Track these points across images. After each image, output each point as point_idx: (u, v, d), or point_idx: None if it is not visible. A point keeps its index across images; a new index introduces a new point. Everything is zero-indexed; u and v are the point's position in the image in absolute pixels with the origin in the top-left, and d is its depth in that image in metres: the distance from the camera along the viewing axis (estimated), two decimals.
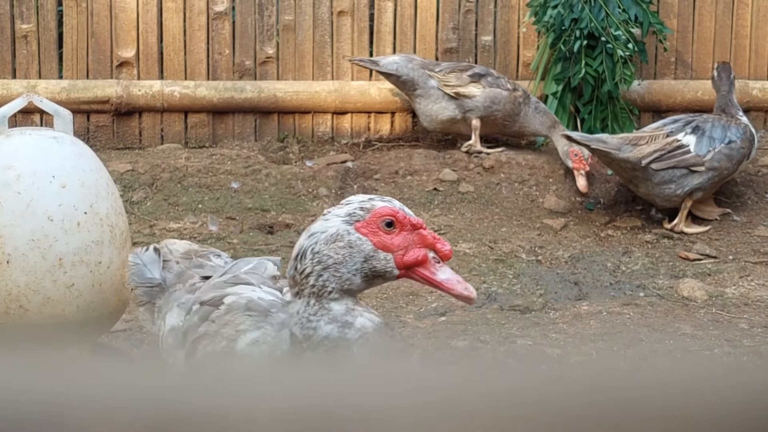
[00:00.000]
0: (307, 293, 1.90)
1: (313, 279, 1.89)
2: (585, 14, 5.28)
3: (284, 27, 5.54)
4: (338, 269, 1.88)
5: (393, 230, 1.88)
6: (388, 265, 1.89)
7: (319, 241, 1.90)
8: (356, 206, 1.91)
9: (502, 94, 5.21)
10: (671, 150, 4.73)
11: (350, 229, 1.89)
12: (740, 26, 5.75)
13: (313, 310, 1.90)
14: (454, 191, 5.07)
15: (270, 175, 5.12)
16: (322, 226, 1.91)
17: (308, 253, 1.90)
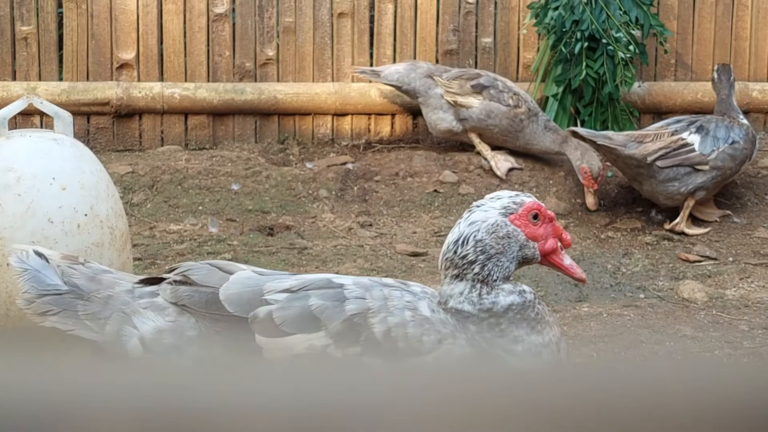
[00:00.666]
0: (470, 278, 2.10)
1: (478, 267, 2.10)
2: (586, 16, 5.28)
3: (284, 29, 5.54)
4: (500, 259, 2.10)
5: (537, 222, 2.14)
6: (535, 253, 2.15)
7: (481, 229, 2.10)
8: (509, 200, 2.14)
9: (500, 109, 5.18)
10: (676, 148, 4.75)
11: (506, 221, 2.11)
12: (740, 28, 5.75)
13: (484, 290, 2.10)
14: (455, 193, 5.07)
15: (270, 176, 5.12)
16: (482, 215, 2.12)
17: (470, 240, 2.10)
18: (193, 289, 2.19)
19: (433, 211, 4.98)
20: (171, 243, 4.49)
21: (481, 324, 2.10)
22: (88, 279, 2.27)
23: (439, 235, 4.70)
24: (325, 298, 2.10)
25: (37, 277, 2.26)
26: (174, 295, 2.22)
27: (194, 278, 2.21)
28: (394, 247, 4.50)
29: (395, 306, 2.09)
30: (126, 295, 2.26)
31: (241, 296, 2.15)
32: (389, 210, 4.97)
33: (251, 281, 2.18)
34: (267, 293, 2.13)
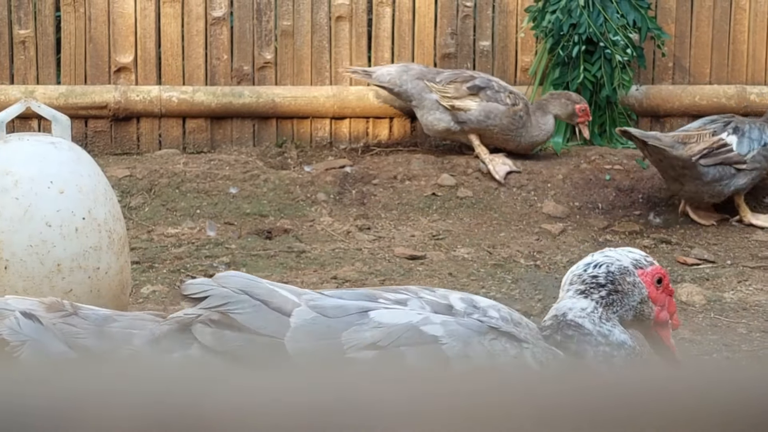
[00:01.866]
0: (595, 298, 2.10)
1: (605, 292, 2.10)
2: (584, 19, 5.29)
3: (282, 32, 5.54)
4: (624, 299, 2.12)
5: (659, 287, 2.17)
6: (651, 314, 2.16)
7: (614, 264, 2.13)
8: (641, 256, 2.17)
9: (499, 108, 5.18)
10: (717, 148, 4.87)
11: (635, 272, 2.14)
12: (738, 31, 5.76)
13: (603, 316, 2.10)
14: (453, 196, 5.07)
15: (268, 180, 5.12)
16: (616, 255, 2.17)
17: (603, 267, 2.13)
18: (245, 338, 1.90)
19: (431, 214, 4.97)
20: (169, 246, 4.48)
21: (597, 350, 2.06)
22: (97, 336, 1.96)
23: (437, 238, 4.70)
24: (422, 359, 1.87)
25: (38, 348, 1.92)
26: (219, 342, 1.92)
27: (239, 319, 1.92)
28: (393, 251, 4.50)
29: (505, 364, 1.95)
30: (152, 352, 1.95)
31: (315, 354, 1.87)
32: (387, 213, 4.97)
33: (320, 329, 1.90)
34: (349, 349, 1.87)
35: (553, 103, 5.19)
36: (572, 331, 2.06)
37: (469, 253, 4.54)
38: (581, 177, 5.16)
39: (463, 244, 4.65)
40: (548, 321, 2.11)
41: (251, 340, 1.89)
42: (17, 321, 1.93)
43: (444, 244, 4.65)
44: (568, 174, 5.18)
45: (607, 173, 5.17)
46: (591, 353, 2.06)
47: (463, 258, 4.47)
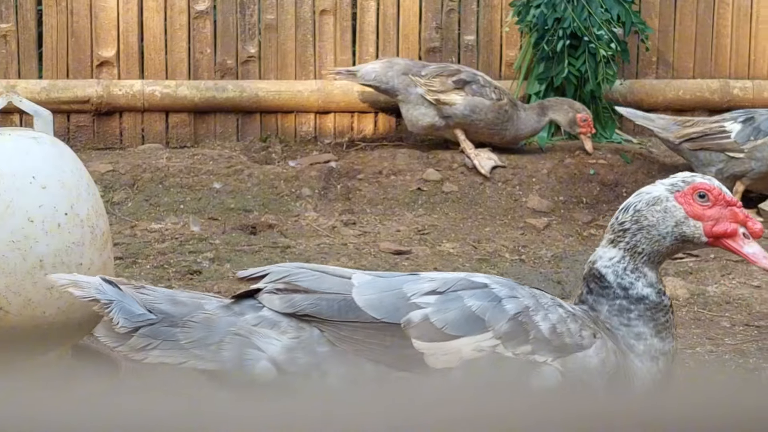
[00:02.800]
0: (622, 246, 2.14)
1: (629, 236, 2.13)
2: (568, 14, 5.29)
3: (266, 26, 5.52)
4: (650, 231, 2.12)
5: (706, 202, 2.13)
6: (696, 232, 2.13)
7: (643, 200, 2.14)
8: (680, 179, 2.17)
9: (484, 103, 5.18)
10: (711, 133, 4.89)
11: (669, 197, 2.14)
12: (721, 26, 5.77)
13: (630, 266, 2.13)
14: (438, 191, 5.06)
15: (252, 175, 5.10)
16: (650, 188, 2.17)
17: (631, 209, 2.14)
18: (315, 297, 2.01)
19: (416, 209, 4.97)
20: (152, 242, 4.46)
21: (612, 303, 2.12)
22: (171, 302, 2.05)
23: (422, 233, 4.70)
24: (481, 299, 2.02)
25: (125, 308, 2.01)
26: (290, 304, 2.01)
27: (304, 285, 2.03)
28: (378, 246, 4.49)
29: (548, 304, 2.08)
30: (227, 314, 2.04)
31: (382, 301, 2.01)
32: (373, 208, 4.96)
33: (384, 284, 2.04)
34: (413, 296, 2.01)
35: (554, 109, 5.18)
36: (594, 283, 2.14)
37: (455, 247, 4.53)
38: (566, 172, 5.17)
39: (449, 238, 4.65)
40: (586, 266, 2.19)
41: (320, 297, 2.00)
42: (101, 285, 2.03)
43: (429, 238, 4.64)
44: (552, 169, 5.18)
45: (592, 168, 5.17)
46: (606, 308, 2.12)
47: (448, 253, 4.46)
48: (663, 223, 2.12)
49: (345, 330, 1.98)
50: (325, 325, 1.99)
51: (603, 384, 2.03)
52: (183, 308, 2.05)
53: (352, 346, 1.98)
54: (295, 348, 2.00)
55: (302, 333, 2.00)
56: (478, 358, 1.96)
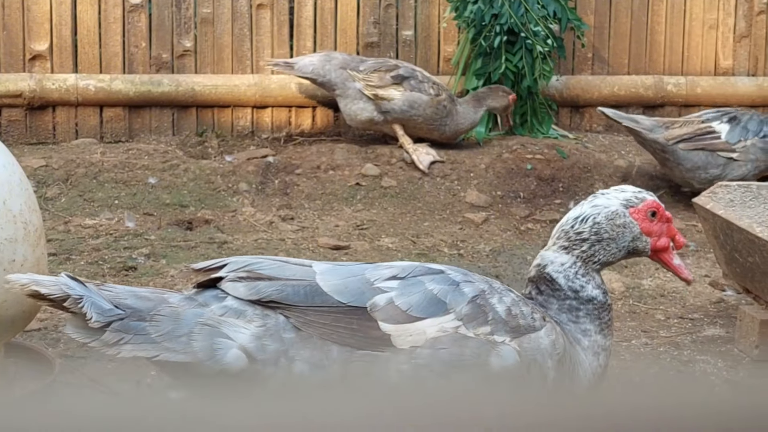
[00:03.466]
0: (576, 254, 2.25)
1: (587, 246, 2.25)
2: (505, 10, 5.32)
3: (202, 20, 5.47)
4: (609, 244, 2.25)
5: (654, 219, 2.29)
6: (646, 247, 2.29)
7: (602, 213, 2.25)
8: (632, 195, 2.29)
9: (423, 98, 5.18)
10: (701, 134, 4.90)
11: (626, 212, 2.26)
12: (655, 22, 5.85)
13: (581, 271, 2.25)
14: (377, 186, 5.06)
15: (188, 170, 5.05)
16: (605, 202, 2.27)
17: (590, 220, 2.25)
18: (280, 283, 2.06)
19: (355, 204, 4.96)
20: (86, 238, 4.39)
21: (563, 303, 2.24)
22: (135, 297, 2.07)
23: (361, 228, 4.69)
24: (440, 283, 2.11)
25: (95, 303, 2.02)
26: (255, 291, 2.05)
27: (267, 273, 2.08)
28: (317, 241, 4.48)
29: (500, 288, 2.19)
30: (192, 305, 2.07)
31: (347, 286, 2.08)
32: (311, 203, 4.94)
33: (346, 271, 2.12)
34: (375, 281, 2.09)
35: (491, 97, 5.23)
36: (545, 286, 2.25)
37: (393, 242, 4.53)
38: (503, 167, 5.20)
39: (387, 233, 4.65)
40: (533, 269, 2.29)
41: (285, 284, 2.05)
42: (69, 282, 2.04)
43: (368, 233, 4.64)
44: (490, 164, 5.21)
45: (529, 163, 5.21)
46: (556, 306, 2.24)
47: (387, 248, 4.46)
48: (622, 237, 2.26)
49: (311, 315, 2.03)
50: (290, 311, 2.04)
51: (553, 365, 2.14)
52: (148, 303, 2.06)
53: (318, 330, 2.03)
54: (262, 336, 2.03)
55: (268, 321, 2.04)
56: (443, 337, 2.05)
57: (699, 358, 3.38)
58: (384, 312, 2.06)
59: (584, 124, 5.83)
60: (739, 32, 5.89)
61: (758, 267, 3.28)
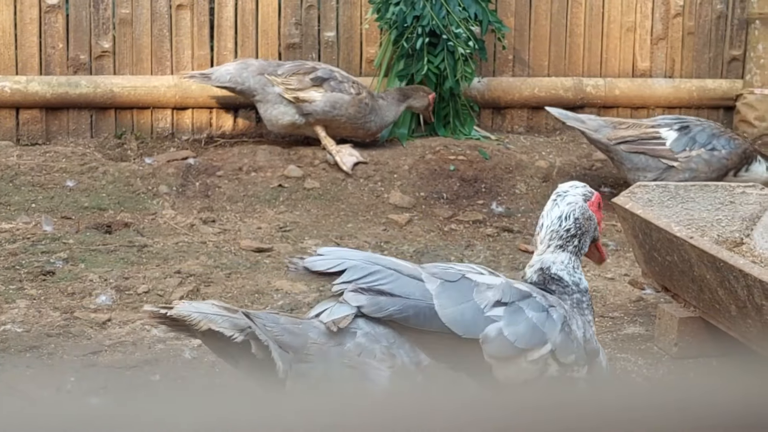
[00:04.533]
0: (570, 250, 2.44)
1: (577, 241, 2.44)
2: (426, 12, 5.33)
3: (121, 20, 5.38)
4: (586, 235, 2.46)
5: (599, 210, 2.53)
6: (597, 234, 2.52)
7: (576, 210, 2.45)
8: (585, 189, 2.50)
9: (344, 98, 5.18)
10: (646, 138, 4.92)
11: (587, 206, 2.48)
12: (575, 25, 5.92)
13: (575, 264, 2.45)
14: (300, 188, 5.03)
15: (107, 172, 4.96)
16: (573, 198, 2.46)
17: (571, 217, 2.44)
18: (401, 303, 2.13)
19: (278, 206, 4.92)
20: (2, 242, 4.29)
21: (572, 298, 2.42)
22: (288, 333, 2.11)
23: (284, 230, 4.66)
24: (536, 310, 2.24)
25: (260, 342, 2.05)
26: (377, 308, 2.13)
27: (387, 288, 2.15)
28: (239, 243, 4.43)
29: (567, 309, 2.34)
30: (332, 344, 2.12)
31: (463, 314, 2.16)
32: (233, 205, 4.89)
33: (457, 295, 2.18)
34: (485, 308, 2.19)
35: (414, 96, 5.27)
36: (555, 285, 2.42)
37: (317, 244, 4.51)
38: (426, 168, 5.21)
39: (311, 235, 4.62)
40: (535, 274, 2.43)
41: (406, 304, 2.14)
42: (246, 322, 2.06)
43: (291, 235, 4.60)
44: (413, 165, 5.21)
45: (451, 164, 5.23)
46: (569, 303, 2.40)
47: (310, 249, 4.44)
48: (591, 228, 2.49)
49: (426, 337, 2.12)
50: (409, 332, 2.13)
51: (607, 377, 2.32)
52: (297, 339, 2.10)
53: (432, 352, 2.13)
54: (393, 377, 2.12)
55: (394, 361, 2.12)
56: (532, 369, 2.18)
57: (620, 356, 3.42)
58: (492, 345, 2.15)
59: (506, 125, 5.88)
60: (656, 35, 5.99)
61: (676, 266, 3.33)
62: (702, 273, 3.18)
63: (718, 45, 6.06)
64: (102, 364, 3.18)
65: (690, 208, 3.69)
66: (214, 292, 3.87)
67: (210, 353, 3.29)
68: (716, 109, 6.08)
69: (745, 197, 3.76)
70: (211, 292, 3.87)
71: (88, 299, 3.73)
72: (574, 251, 2.45)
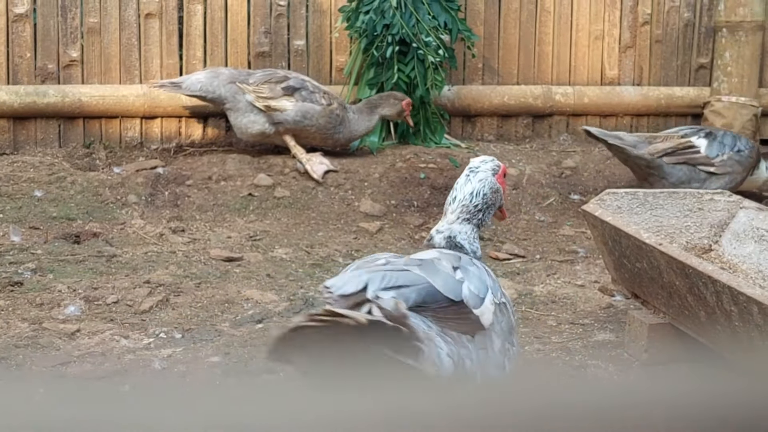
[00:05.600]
0: (475, 222, 2.73)
1: (482, 215, 2.73)
2: (396, 20, 5.34)
3: (89, 29, 5.35)
4: (491, 208, 2.75)
5: (505, 180, 2.81)
6: (502, 203, 2.79)
7: (486, 185, 2.73)
8: (494, 163, 2.77)
9: (315, 108, 5.17)
10: (683, 148, 5.00)
11: (494, 179, 2.75)
12: (543, 33, 5.95)
13: (474, 235, 2.73)
14: (270, 196, 5.02)
15: (76, 182, 4.93)
16: (483, 175, 2.74)
17: (481, 193, 2.72)
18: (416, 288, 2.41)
19: (248, 215, 4.91)
20: None
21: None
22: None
23: (254, 239, 4.64)
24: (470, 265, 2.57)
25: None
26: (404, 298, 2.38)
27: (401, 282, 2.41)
28: (208, 253, 4.41)
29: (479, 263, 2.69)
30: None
31: (448, 283, 2.47)
32: (202, 215, 4.87)
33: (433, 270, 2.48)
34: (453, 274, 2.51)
35: (383, 105, 5.25)
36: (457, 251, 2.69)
37: (287, 253, 4.50)
38: (397, 176, 5.22)
39: (281, 244, 4.61)
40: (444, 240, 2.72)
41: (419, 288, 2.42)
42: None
43: (261, 244, 4.59)
44: (384, 173, 5.22)
45: (422, 172, 5.24)
46: None
47: (281, 258, 4.42)
48: (497, 201, 2.76)
49: (440, 313, 2.43)
50: (425, 311, 2.41)
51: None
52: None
53: (444, 323, 2.42)
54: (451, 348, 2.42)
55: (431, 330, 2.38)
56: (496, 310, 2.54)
57: (590, 363, 3.43)
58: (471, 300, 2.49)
59: (476, 133, 5.90)
60: (624, 43, 6.03)
61: (646, 272, 3.35)
62: (671, 279, 3.20)
63: (685, 53, 6.11)
64: (71, 375, 3.15)
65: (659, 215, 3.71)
66: (183, 301, 3.85)
67: (181, 363, 3.27)
68: (684, 117, 6.12)
69: (713, 204, 3.79)
70: (180, 301, 3.85)
71: (56, 310, 3.70)
72: (477, 223, 2.74)
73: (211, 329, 3.58)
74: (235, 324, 3.66)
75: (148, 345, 3.42)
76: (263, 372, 3.14)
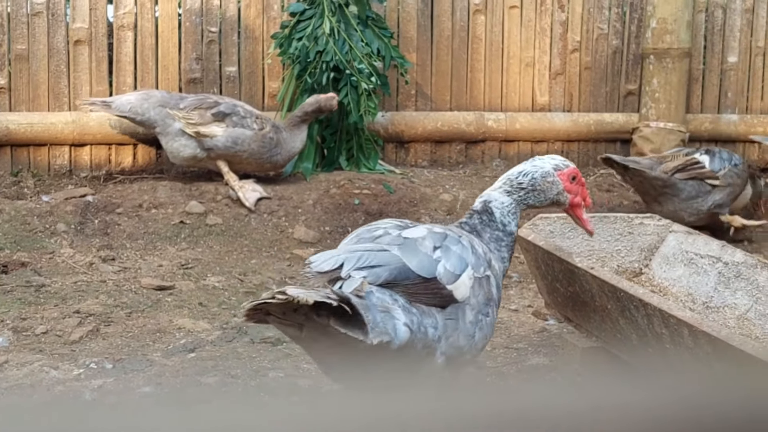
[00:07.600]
0: (515, 198, 2.98)
1: (523, 193, 2.99)
2: (329, 47, 5.35)
3: (17, 56, 5.27)
4: (539, 194, 3.00)
5: (573, 182, 3.05)
6: (566, 201, 3.04)
7: (538, 171, 3.00)
8: (560, 162, 3.03)
9: (246, 134, 5.14)
10: (691, 164, 5.26)
11: (555, 173, 3.02)
12: (475, 60, 6.00)
13: (513, 210, 2.99)
14: (202, 224, 4.97)
15: (3, 211, 4.83)
16: (542, 163, 3.02)
17: (529, 176, 2.99)
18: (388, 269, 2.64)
19: (179, 243, 4.85)
20: None
21: (493, 233, 2.98)
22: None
23: (186, 267, 4.58)
24: (454, 244, 2.78)
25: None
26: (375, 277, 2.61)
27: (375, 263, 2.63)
28: (139, 282, 4.34)
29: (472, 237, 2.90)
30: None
31: (423, 263, 2.70)
32: (133, 243, 4.80)
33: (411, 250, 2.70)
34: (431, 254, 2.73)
35: (311, 109, 5.20)
36: (486, 216, 2.99)
37: (220, 281, 4.45)
38: (331, 202, 5.20)
39: (214, 272, 4.56)
40: (479, 203, 2.99)
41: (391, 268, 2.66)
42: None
43: (193, 273, 4.54)
44: (318, 199, 5.20)
45: (356, 198, 5.23)
46: (488, 234, 2.97)
47: (213, 287, 4.38)
48: (549, 191, 3.01)
49: (411, 288, 2.66)
50: (395, 288, 2.65)
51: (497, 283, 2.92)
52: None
53: (416, 298, 2.65)
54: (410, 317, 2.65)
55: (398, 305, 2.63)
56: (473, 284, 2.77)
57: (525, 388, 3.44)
58: (445, 277, 2.71)
59: (409, 159, 5.91)
60: (554, 70, 6.11)
61: (578, 296, 3.37)
62: (603, 303, 3.23)
63: (614, 79, 6.20)
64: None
65: (590, 240, 3.75)
66: (114, 331, 3.78)
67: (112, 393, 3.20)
68: (613, 142, 6.21)
69: (643, 228, 3.83)
70: (111, 331, 3.78)
71: None
72: (517, 200, 2.99)
73: (143, 359, 3.52)
74: (167, 353, 3.60)
75: (79, 376, 3.34)
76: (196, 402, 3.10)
